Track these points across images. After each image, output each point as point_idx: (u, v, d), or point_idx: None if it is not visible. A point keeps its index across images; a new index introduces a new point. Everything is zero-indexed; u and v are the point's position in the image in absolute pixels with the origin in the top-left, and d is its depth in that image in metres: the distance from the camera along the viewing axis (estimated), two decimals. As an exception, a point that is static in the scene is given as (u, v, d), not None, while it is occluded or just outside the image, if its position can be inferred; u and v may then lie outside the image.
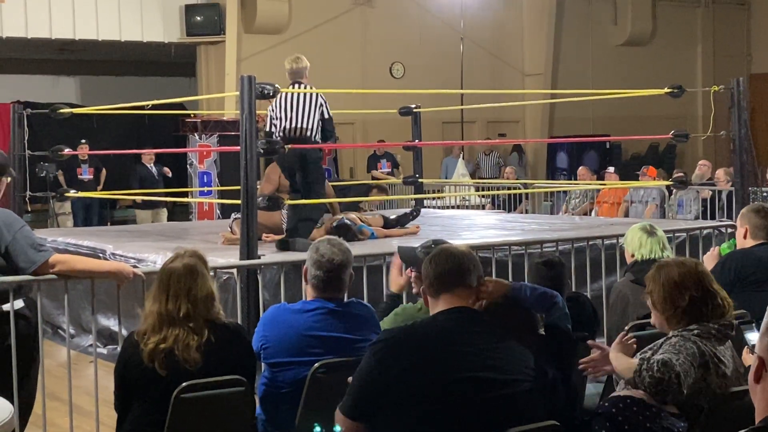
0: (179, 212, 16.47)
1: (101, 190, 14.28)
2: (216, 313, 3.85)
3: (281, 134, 7.63)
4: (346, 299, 4.12)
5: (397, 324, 3.94)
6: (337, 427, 3.11)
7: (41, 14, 15.28)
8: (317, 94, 7.73)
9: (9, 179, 4.81)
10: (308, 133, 7.64)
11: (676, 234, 7.60)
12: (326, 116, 7.75)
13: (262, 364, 4.09)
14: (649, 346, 3.72)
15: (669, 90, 8.71)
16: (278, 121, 7.67)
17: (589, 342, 3.97)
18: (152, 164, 14.75)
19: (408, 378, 3.03)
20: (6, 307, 4.48)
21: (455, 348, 3.09)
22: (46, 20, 15.36)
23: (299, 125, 7.61)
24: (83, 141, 14.10)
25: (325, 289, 4.02)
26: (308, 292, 4.12)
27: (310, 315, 4.00)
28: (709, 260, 5.57)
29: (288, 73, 7.80)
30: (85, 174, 14.63)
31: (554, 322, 3.57)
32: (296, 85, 7.72)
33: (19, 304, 4.53)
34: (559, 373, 3.35)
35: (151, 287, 3.89)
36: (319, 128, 7.71)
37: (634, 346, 3.73)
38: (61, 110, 9.31)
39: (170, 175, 14.88)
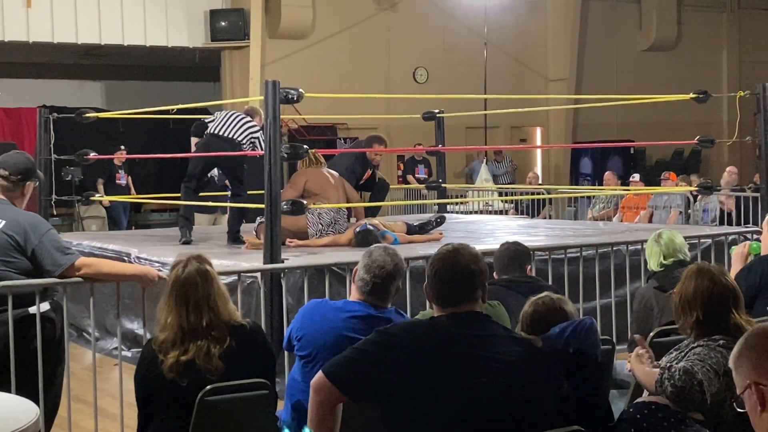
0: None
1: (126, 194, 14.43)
2: (233, 314, 3.81)
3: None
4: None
5: None
6: None
7: (67, 19, 15.38)
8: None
9: (36, 183, 4.85)
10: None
11: (702, 240, 7.56)
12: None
13: (295, 356, 4.04)
14: (669, 353, 3.71)
15: (694, 95, 8.66)
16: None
17: (637, 337, 3.97)
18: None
19: (414, 373, 2.97)
20: (32, 309, 4.51)
21: (469, 352, 3.03)
22: (72, 25, 15.46)
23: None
24: (123, 147, 14.34)
25: (370, 294, 3.95)
26: (353, 293, 4.06)
27: (349, 315, 3.91)
28: (737, 258, 5.52)
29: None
30: (123, 179, 14.83)
31: (580, 346, 3.38)
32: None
33: (44, 306, 4.57)
34: (583, 393, 3.25)
35: (164, 297, 3.80)
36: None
37: (651, 359, 3.73)
38: (87, 114, 9.38)
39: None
